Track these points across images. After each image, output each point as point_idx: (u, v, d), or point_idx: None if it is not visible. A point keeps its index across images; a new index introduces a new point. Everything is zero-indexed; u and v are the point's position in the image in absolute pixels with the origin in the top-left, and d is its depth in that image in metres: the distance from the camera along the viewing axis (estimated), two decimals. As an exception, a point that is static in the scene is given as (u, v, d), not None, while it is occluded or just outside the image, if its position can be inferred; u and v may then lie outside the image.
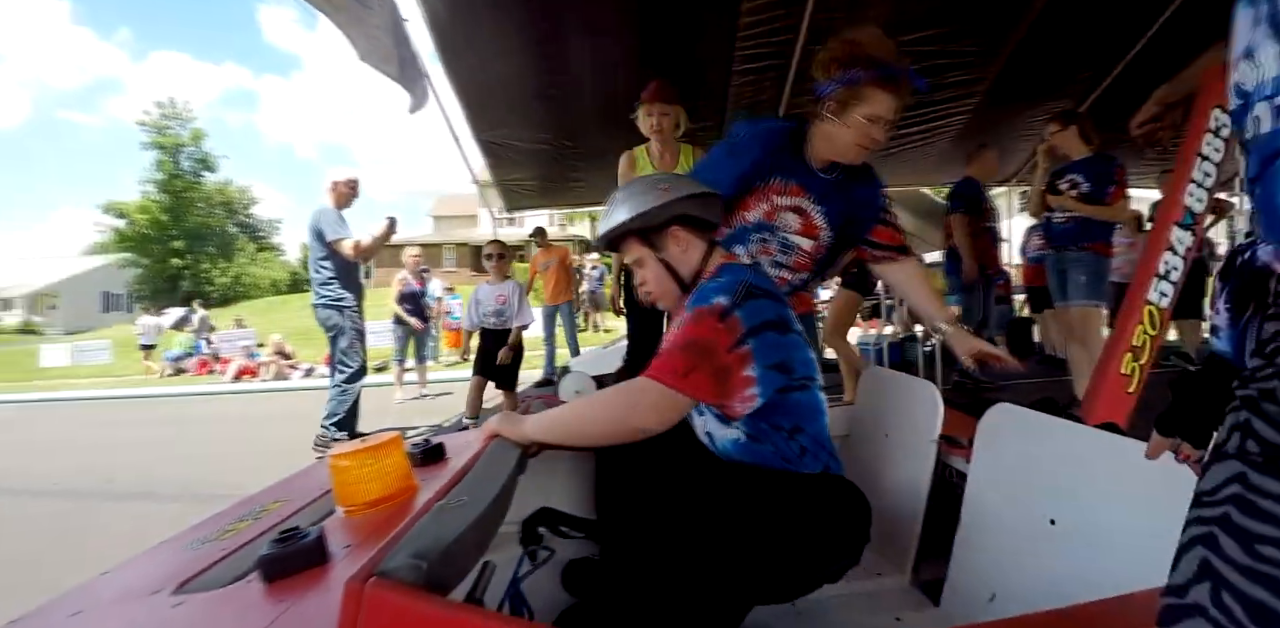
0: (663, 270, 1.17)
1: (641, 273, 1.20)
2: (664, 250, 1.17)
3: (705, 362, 0.97)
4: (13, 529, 2.67)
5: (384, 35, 2.75)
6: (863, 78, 1.33)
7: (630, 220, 1.14)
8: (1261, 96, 0.42)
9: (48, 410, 8.05)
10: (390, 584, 0.57)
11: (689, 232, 1.16)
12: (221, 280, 28.06)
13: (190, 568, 0.86)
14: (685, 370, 0.96)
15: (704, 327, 0.99)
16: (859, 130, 1.37)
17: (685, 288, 1.18)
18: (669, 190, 1.15)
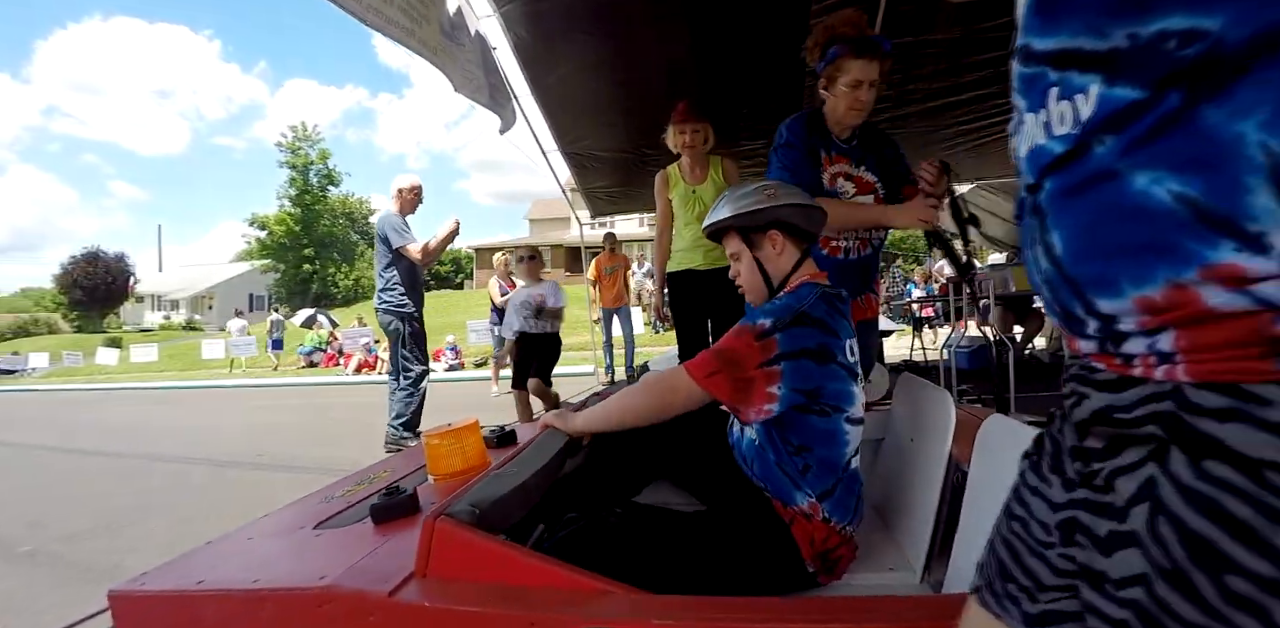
0: (754, 268, 1.25)
1: (736, 266, 1.29)
2: (760, 249, 1.24)
3: (730, 370, 1.05)
4: (190, 490, 3.29)
5: (474, 68, 3.07)
6: (838, 52, 1.63)
7: (731, 217, 1.23)
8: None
9: (209, 395, 9.43)
10: (453, 522, 0.80)
11: (786, 238, 1.23)
12: (345, 283, 30.96)
13: (324, 514, 1.15)
14: (711, 372, 1.06)
15: (741, 341, 1.07)
16: (846, 97, 1.66)
17: (771, 288, 1.25)
18: (773, 196, 1.22)
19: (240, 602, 0.83)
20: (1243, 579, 0.28)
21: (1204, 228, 0.28)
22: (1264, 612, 0.27)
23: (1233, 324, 0.28)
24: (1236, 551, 0.28)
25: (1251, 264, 0.27)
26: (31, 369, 19.34)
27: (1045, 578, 0.42)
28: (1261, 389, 0.27)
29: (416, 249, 3.39)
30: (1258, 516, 0.27)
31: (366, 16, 2.04)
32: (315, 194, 30.94)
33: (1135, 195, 0.31)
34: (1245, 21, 0.27)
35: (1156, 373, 0.32)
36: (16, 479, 4.07)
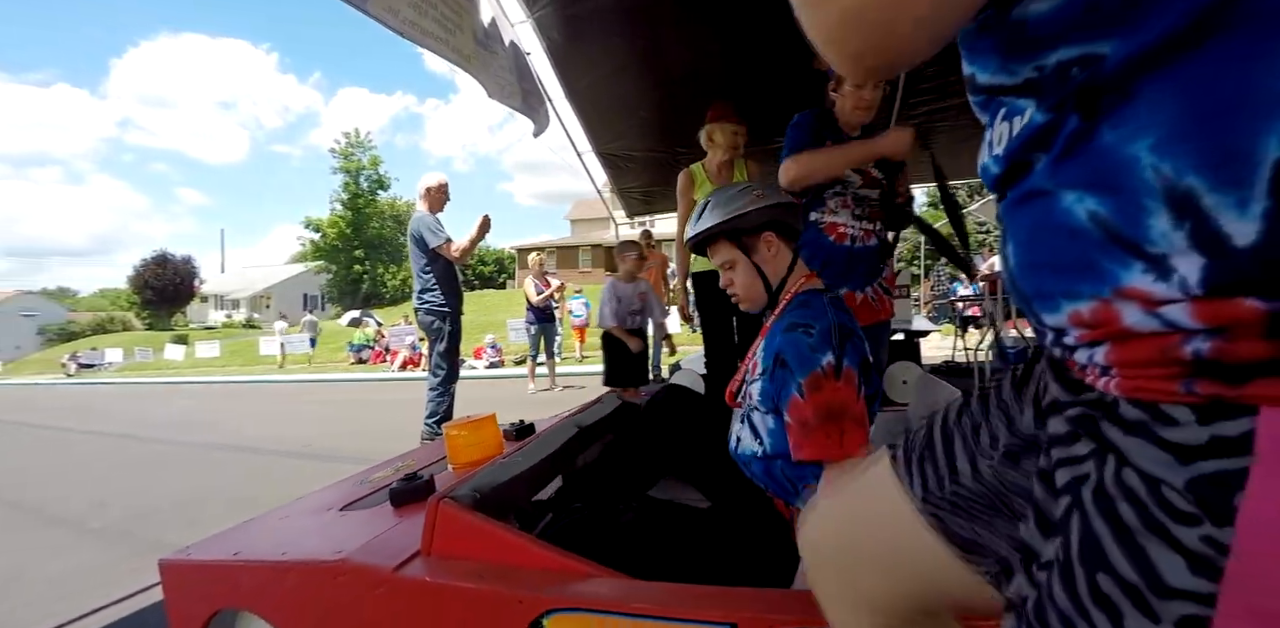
0: (754, 274, 1.18)
1: (729, 275, 1.21)
2: (756, 254, 1.17)
3: (846, 420, 0.96)
4: (242, 476, 3.50)
5: (507, 73, 3.17)
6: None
7: (726, 221, 1.15)
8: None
9: (265, 389, 9.93)
10: (455, 505, 0.86)
11: (780, 238, 1.17)
12: (393, 283, 32.03)
13: (352, 496, 1.24)
14: (838, 436, 0.95)
15: (826, 392, 0.98)
16: (852, 96, 1.79)
17: (770, 292, 1.19)
18: (762, 196, 1.16)
19: (268, 571, 0.92)
20: (1110, 579, 0.29)
21: (1116, 248, 0.29)
22: (1118, 614, 0.29)
23: (1146, 343, 0.29)
24: (1114, 552, 0.29)
25: (1155, 288, 0.27)
26: (108, 364, 20.76)
27: (963, 475, 0.44)
28: (1171, 409, 0.28)
29: (452, 247, 3.41)
30: (1140, 524, 0.28)
31: (404, 30, 2.15)
32: (366, 198, 32.12)
33: (1062, 213, 0.31)
34: (1124, 43, 0.28)
35: (1099, 384, 0.32)
36: (90, 463, 4.41)
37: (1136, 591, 0.28)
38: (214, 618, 1.02)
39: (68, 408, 8.97)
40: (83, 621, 1.80)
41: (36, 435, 6.23)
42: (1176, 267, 0.27)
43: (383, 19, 2.05)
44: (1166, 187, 0.26)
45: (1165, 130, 0.26)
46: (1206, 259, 0.26)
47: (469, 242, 3.44)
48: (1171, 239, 0.27)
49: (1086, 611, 0.30)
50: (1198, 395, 0.27)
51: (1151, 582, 0.28)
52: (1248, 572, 0.24)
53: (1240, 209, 0.24)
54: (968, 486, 0.44)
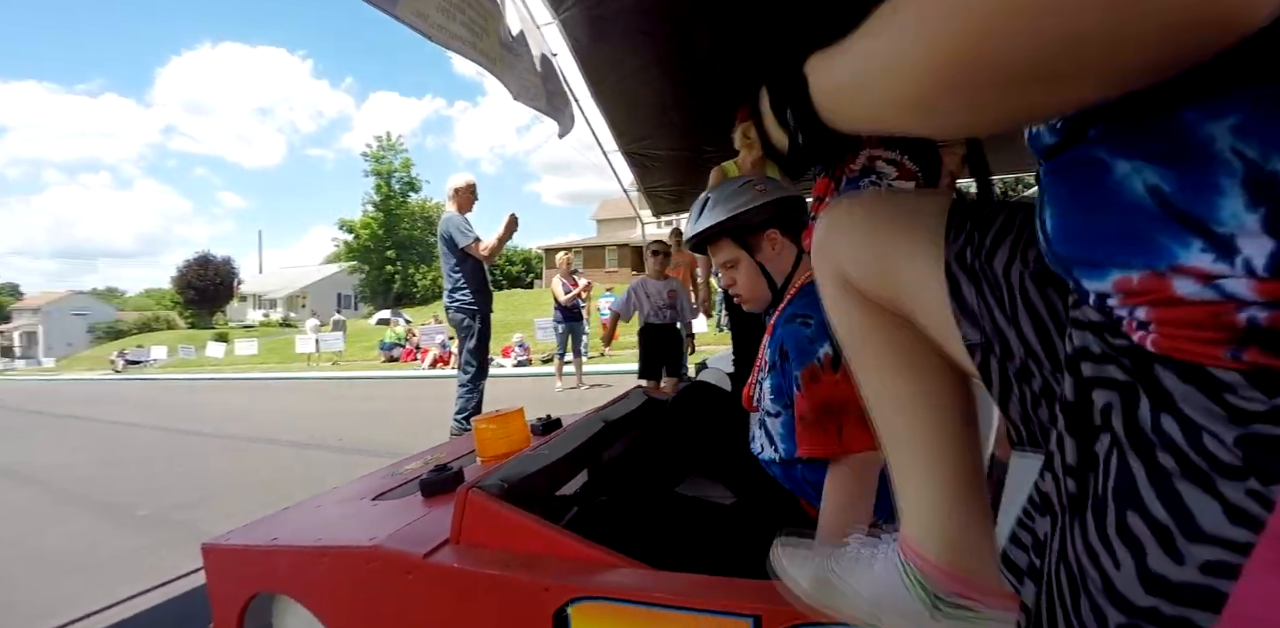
0: (757, 273, 1.13)
1: (732, 274, 1.16)
2: (759, 252, 1.12)
3: (847, 414, 0.90)
4: (279, 467, 3.61)
5: (532, 75, 3.20)
6: None
7: (727, 220, 1.10)
8: None
9: (300, 385, 10.22)
10: (484, 495, 0.88)
11: (783, 235, 1.12)
12: (423, 283, 32.61)
13: (384, 487, 1.27)
14: (835, 431, 0.91)
15: (824, 385, 0.93)
16: None
17: (775, 291, 1.14)
18: (765, 191, 1.11)
19: (304, 556, 0.95)
20: (1140, 519, 0.30)
21: (1175, 224, 0.28)
22: (1142, 552, 0.30)
23: (1197, 309, 0.29)
24: (1148, 492, 0.30)
25: (1215, 267, 0.27)
26: (153, 360, 21.59)
27: (997, 262, 0.46)
28: (1219, 373, 0.28)
29: (481, 246, 3.47)
30: (1178, 468, 0.29)
31: (433, 33, 2.19)
32: (397, 199, 32.78)
33: (1114, 183, 0.31)
34: None
35: (1135, 336, 0.33)
36: (137, 454, 4.59)
37: (1166, 531, 0.29)
38: (253, 600, 1.06)
39: (115, 402, 9.36)
40: (133, 601, 1.89)
41: (86, 428, 6.52)
42: (1242, 248, 0.26)
43: (412, 23, 2.10)
44: (1248, 168, 0.26)
45: (1251, 111, 0.26)
46: (1277, 243, 0.25)
47: (497, 241, 3.49)
48: (1243, 220, 0.26)
49: (1111, 545, 0.31)
50: (1242, 362, 0.27)
51: (1184, 525, 0.28)
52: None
53: None
54: (996, 273, 0.46)
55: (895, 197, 0.58)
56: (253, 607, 1.07)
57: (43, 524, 2.87)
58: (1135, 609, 0.30)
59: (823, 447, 0.91)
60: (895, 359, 0.57)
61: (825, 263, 0.61)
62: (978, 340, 0.47)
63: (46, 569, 2.24)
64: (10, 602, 1.97)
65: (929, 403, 0.57)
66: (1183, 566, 0.28)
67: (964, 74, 0.28)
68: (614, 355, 9.93)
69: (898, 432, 0.59)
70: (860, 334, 0.60)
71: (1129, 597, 0.30)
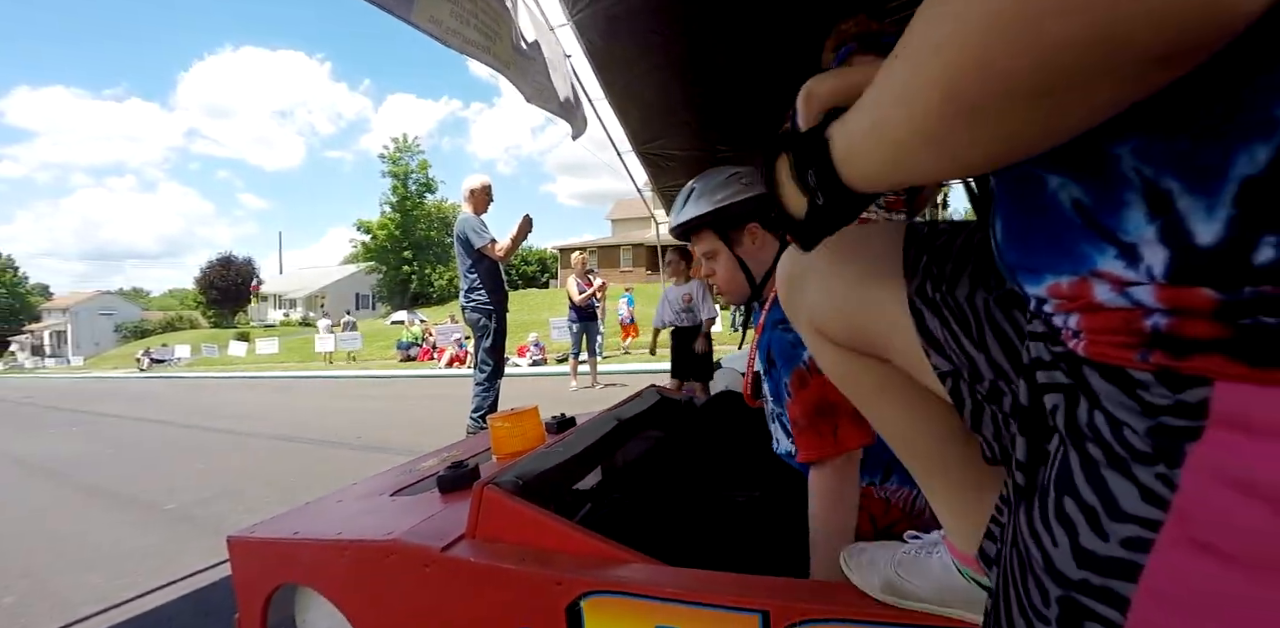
0: (735, 266, 1.14)
1: (711, 265, 1.17)
2: (739, 246, 1.12)
3: (840, 414, 0.91)
4: (299, 464, 3.68)
5: (545, 78, 3.23)
6: (850, 50, 1.69)
7: (708, 213, 1.10)
8: None
9: (320, 384, 10.37)
10: (499, 491, 0.90)
11: (764, 229, 1.12)
12: (440, 283, 32.93)
13: (402, 483, 1.30)
14: (830, 433, 0.91)
15: (813, 389, 0.93)
16: None
17: (754, 286, 1.14)
18: (749, 186, 1.10)
19: (325, 549, 0.98)
20: (1074, 502, 0.34)
21: (1094, 234, 0.32)
22: (1075, 532, 0.34)
23: (1113, 315, 0.32)
24: (1079, 479, 0.34)
25: (1125, 273, 0.31)
26: (177, 359, 22.04)
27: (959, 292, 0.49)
28: (1136, 374, 0.31)
29: (497, 247, 3.51)
30: (1104, 458, 0.33)
31: (447, 38, 2.22)
32: (414, 200, 33.09)
33: (1048, 196, 0.34)
34: None
35: (1070, 343, 0.36)
36: (161, 450, 4.70)
37: (1094, 512, 0.33)
38: (276, 591, 1.09)
39: (141, 400, 9.58)
40: (160, 591, 1.94)
41: (114, 425, 6.68)
42: (1144, 256, 0.30)
43: (426, 29, 2.12)
44: (1146, 185, 0.29)
45: (1145, 136, 0.29)
46: (1171, 252, 0.28)
47: (511, 242, 3.53)
48: (1143, 232, 0.29)
49: (1050, 527, 0.35)
50: (1150, 364, 0.30)
51: (1108, 506, 0.32)
52: (1189, 505, 0.29)
53: (1208, 213, 0.27)
54: (960, 301, 0.49)
55: (847, 240, 0.58)
56: (276, 598, 1.10)
57: (70, 518, 2.96)
58: (1070, 582, 0.34)
59: (818, 450, 0.92)
60: (887, 396, 0.61)
61: (797, 315, 0.64)
62: (947, 369, 0.50)
63: (73, 562, 2.31)
64: (39, 593, 2.04)
65: (930, 430, 0.60)
66: (1107, 542, 0.32)
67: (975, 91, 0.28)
68: (631, 356, 9.96)
69: (910, 456, 0.64)
70: (848, 377, 0.63)
71: (1064, 571, 0.34)
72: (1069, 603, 0.34)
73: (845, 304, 0.57)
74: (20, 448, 5.35)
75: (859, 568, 0.73)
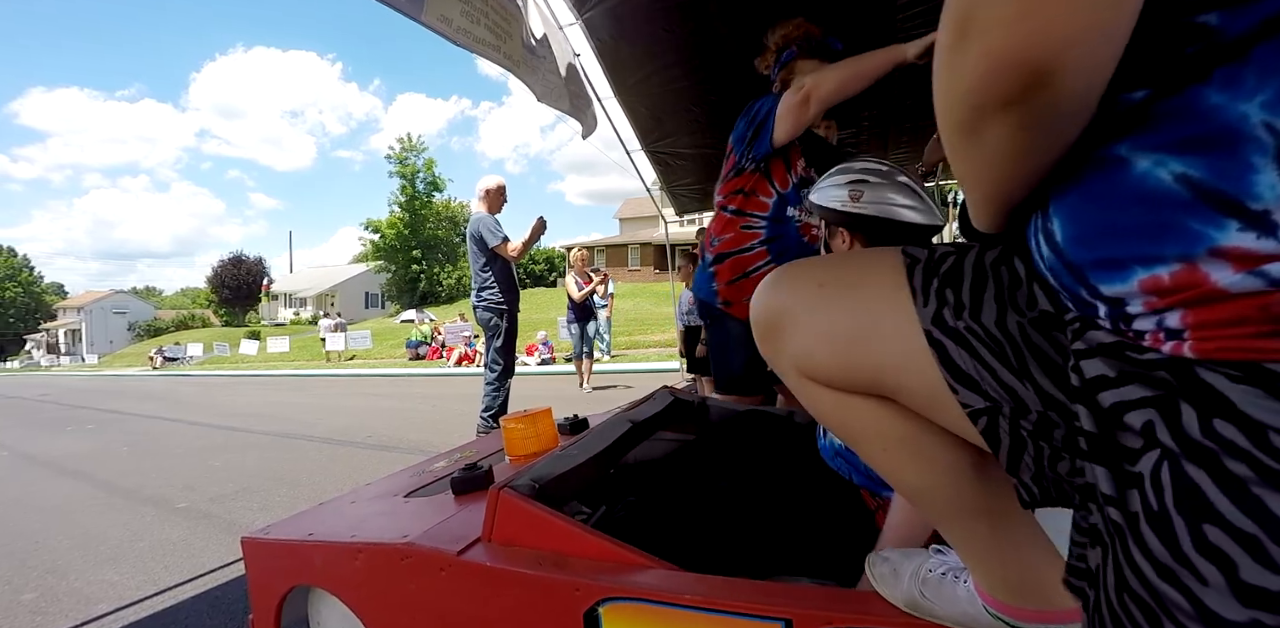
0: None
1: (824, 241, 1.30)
2: (832, 239, 1.23)
3: None
4: (310, 463, 3.70)
5: (555, 77, 3.22)
6: (792, 55, 1.71)
7: (811, 199, 1.23)
8: None
9: (330, 382, 10.44)
10: (515, 494, 0.89)
11: (854, 237, 1.18)
12: (448, 282, 32.98)
13: (415, 484, 1.30)
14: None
15: None
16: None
17: None
18: (856, 200, 1.16)
19: (340, 551, 0.97)
20: (1220, 530, 0.29)
21: (1208, 208, 0.28)
22: (1232, 565, 0.29)
23: (1240, 303, 0.28)
24: (1222, 502, 0.29)
25: (1258, 244, 0.27)
26: (189, 357, 22.26)
27: (985, 316, 0.45)
28: (1274, 366, 0.28)
29: (510, 247, 3.55)
30: (1252, 474, 0.28)
31: (458, 38, 2.21)
32: (422, 200, 33.19)
33: (1137, 179, 0.31)
34: (1245, 13, 0.28)
35: (1165, 348, 0.32)
36: (176, 449, 4.74)
37: (1254, 540, 0.28)
38: (290, 592, 1.09)
39: (156, 398, 9.67)
40: (177, 589, 1.95)
41: (130, 422, 6.75)
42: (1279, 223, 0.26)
43: (436, 28, 2.12)
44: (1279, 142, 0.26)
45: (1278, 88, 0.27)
46: None
47: (523, 243, 3.59)
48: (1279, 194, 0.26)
49: (1190, 562, 0.30)
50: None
51: (1274, 531, 0.27)
52: None
53: None
54: (988, 328, 0.44)
55: (834, 267, 0.54)
56: (290, 599, 1.10)
57: (90, 515, 2.98)
58: (1231, 624, 0.29)
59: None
60: (896, 441, 0.55)
61: (778, 362, 0.57)
62: (982, 406, 0.44)
63: (91, 559, 2.33)
64: (57, 590, 2.05)
65: (947, 478, 0.55)
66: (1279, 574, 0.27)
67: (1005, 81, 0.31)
68: (628, 355, 9.94)
69: (926, 505, 0.58)
70: (849, 423, 0.57)
71: (1221, 613, 0.29)
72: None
73: (840, 342, 0.51)
74: (39, 446, 5.42)
75: (883, 579, 0.71)
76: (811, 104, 1.56)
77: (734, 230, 1.76)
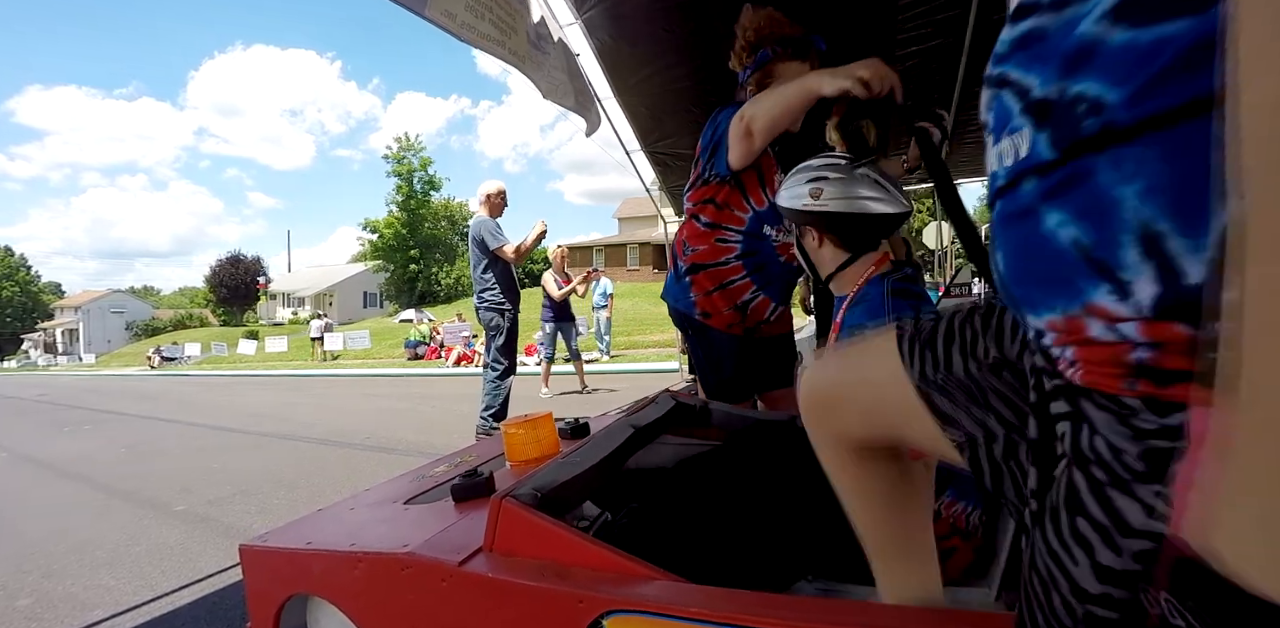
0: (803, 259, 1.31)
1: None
2: (803, 238, 1.27)
3: None
4: (308, 464, 3.68)
5: (560, 73, 3.20)
6: (770, 56, 1.52)
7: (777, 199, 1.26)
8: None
9: (327, 382, 10.41)
10: (517, 503, 0.87)
11: (824, 236, 1.21)
12: (446, 281, 32.95)
13: (414, 491, 1.28)
14: None
15: None
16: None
17: (818, 277, 1.29)
18: (818, 199, 1.16)
19: (339, 561, 0.96)
20: (1087, 522, 0.38)
21: (1090, 271, 0.34)
22: (1092, 549, 0.37)
23: (1104, 349, 0.35)
24: (1089, 501, 0.37)
25: (1118, 307, 0.33)
26: (187, 357, 22.21)
27: (955, 368, 0.56)
28: (1126, 400, 0.35)
29: (510, 249, 3.59)
30: (1108, 479, 0.37)
31: (461, 33, 2.20)
32: (419, 199, 33.12)
33: (1047, 233, 0.37)
34: (1140, 101, 0.31)
35: (1067, 372, 0.40)
36: (174, 450, 4.72)
37: (1107, 530, 0.37)
38: (288, 601, 1.07)
39: (153, 398, 9.64)
40: (174, 594, 1.94)
41: (127, 423, 6.72)
42: (1135, 292, 0.32)
43: (440, 23, 2.10)
44: (1143, 227, 0.31)
45: (1152, 181, 0.31)
46: (1160, 289, 0.31)
47: (527, 246, 3.65)
48: (1139, 269, 0.32)
49: (1068, 546, 0.39)
50: (1137, 392, 0.34)
51: (1118, 523, 0.36)
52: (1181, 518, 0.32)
53: (1194, 255, 0.30)
54: (958, 376, 0.55)
55: (849, 360, 0.69)
56: (289, 607, 1.08)
57: (87, 518, 2.96)
58: (1092, 597, 0.38)
59: None
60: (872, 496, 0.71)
61: (824, 436, 0.71)
62: (962, 439, 0.55)
63: (88, 563, 2.31)
64: (53, 595, 2.03)
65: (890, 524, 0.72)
66: (1121, 557, 0.36)
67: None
68: (627, 356, 9.93)
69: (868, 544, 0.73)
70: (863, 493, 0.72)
71: (1086, 588, 0.38)
72: (1092, 618, 0.38)
73: (867, 415, 0.65)
74: (37, 447, 5.40)
75: None
76: (755, 137, 1.47)
77: (708, 243, 1.68)
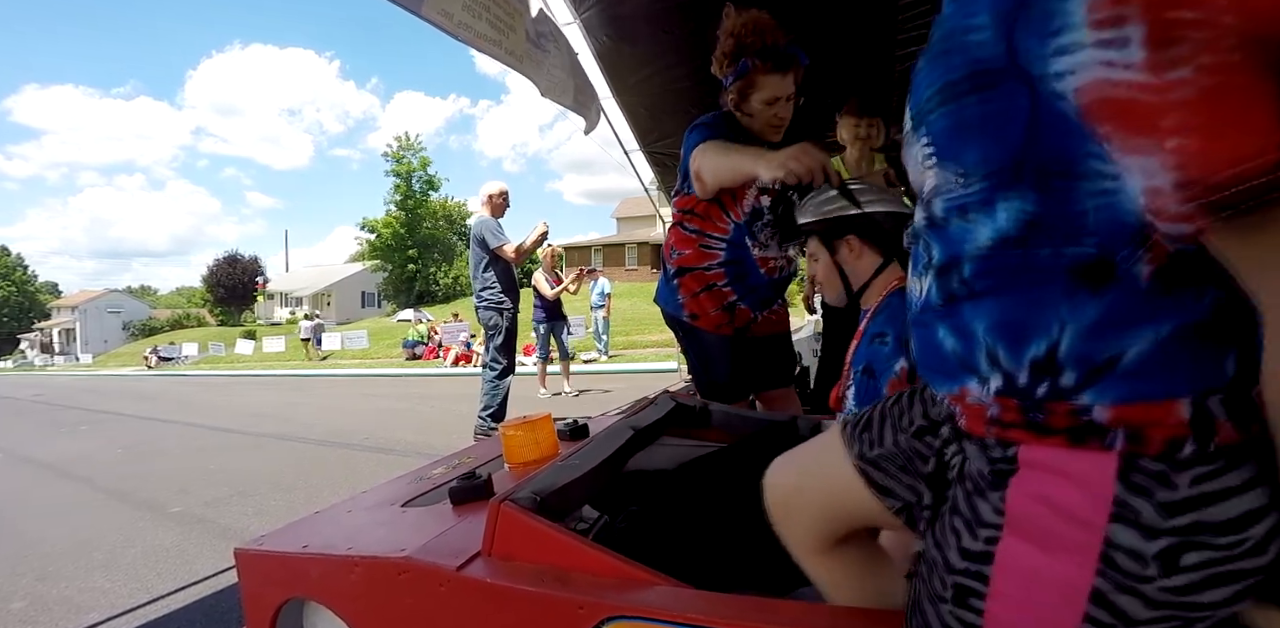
0: (833, 271, 1.24)
1: (814, 265, 1.29)
2: (838, 253, 1.22)
3: None
4: (306, 465, 3.67)
5: (559, 71, 3.19)
6: (749, 67, 1.50)
7: (814, 222, 1.22)
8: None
9: (326, 382, 10.39)
10: (516, 507, 0.86)
11: (864, 243, 1.20)
12: (445, 281, 32.83)
13: (411, 493, 1.27)
14: None
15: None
16: (763, 114, 1.54)
17: (850, 292, 1.24)
18: (853, 205, 1.18)
19: (335, 565, 0.95)
20: (958, 519, 0.54)
21: (959, 368, 0.54)
22: (959, 536, 0.53)
23: (975, 408, 0.54)
24: (961, 504, 0.54)
25: (978, 391, 0.52)
26: (185, 357, 22.15)
27: (886, 443, 0.66)
28: (986, 440, 0.53)
29: (511, 249, 3.60)
30: (972, 489, 0.54)
31: (458, 32, 2.18)
32: (418, 199, 33.02)
33: (939, 342, 0.56)
34: (979, 279, 0.51)
35: (958, 422, 0.57)
36: (171, 451, 4.70)
37: (969, 523, 0.53)
38: (284, 605, 1.06)
39: (150, 398, 9.61)
40: (170, 597, 1.92)
41: (124, 424, 6.70)
42: (989, 382, 0.51)
43: (436, 22, 2.08)
44: (989, 348, 0.51)
45: (989, 322, 0.51)
46: (1001, 383, 0.50)
47: (528, 246, 3.68)
48: (990, 371, 0.51)
49: (946, 537, 0.55)
50: (991, 433, 0.52)
51: (975, 518, 0.52)
52: (1014, 513, 0.49)
53: (1017, 368, 0.49)
54: (889, 450, 0.66)
55: (802, 460, 0.77)
56: (285, 612, 1.07)
57: (84, 520, 2.95)
58: (957, 570, 0.52)
59: None
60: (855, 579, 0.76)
61: (789, 538, 0.77)
62: (899, 506, 0.64)
63: (82, 564, 2.29)
64: (47, 597, 2.02)
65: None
66: (976, 540, 0.51)
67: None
68: (625, 355, 9.91)
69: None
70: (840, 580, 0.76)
71: (954, 564, 0.53)
72: (958, 585, 0.52)
73: (819, 502, 0.73)
74: (33, 448, 5.38)
75: None
76: (705, 184, 1.51)
77: (692, 248, 1.71)
